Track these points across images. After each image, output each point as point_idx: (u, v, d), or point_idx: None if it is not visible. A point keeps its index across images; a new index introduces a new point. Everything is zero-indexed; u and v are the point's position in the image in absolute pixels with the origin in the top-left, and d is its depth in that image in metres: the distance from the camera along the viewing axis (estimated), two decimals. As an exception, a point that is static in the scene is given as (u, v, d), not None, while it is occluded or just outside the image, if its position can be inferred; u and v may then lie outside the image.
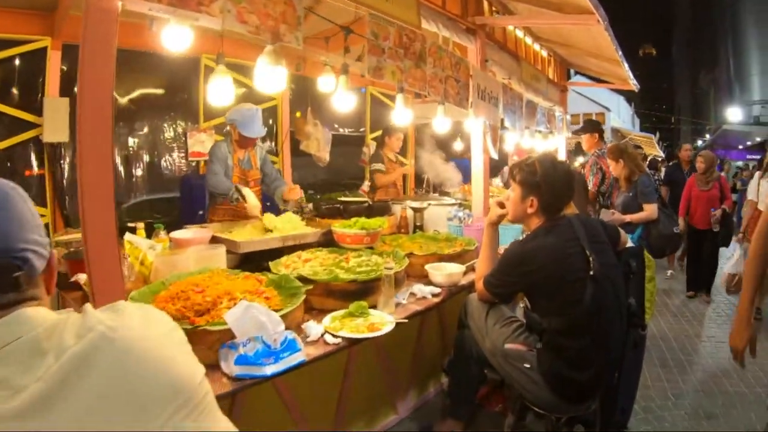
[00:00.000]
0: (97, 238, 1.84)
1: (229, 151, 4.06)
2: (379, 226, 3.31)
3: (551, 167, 2.47)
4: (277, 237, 3.22)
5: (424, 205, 4.18)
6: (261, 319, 1.91)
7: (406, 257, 3.04)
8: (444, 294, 2.90)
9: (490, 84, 4.34)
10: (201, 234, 3.18)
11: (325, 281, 2.56)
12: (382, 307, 2.53)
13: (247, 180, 4.14)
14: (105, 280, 1.89)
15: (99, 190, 1.84)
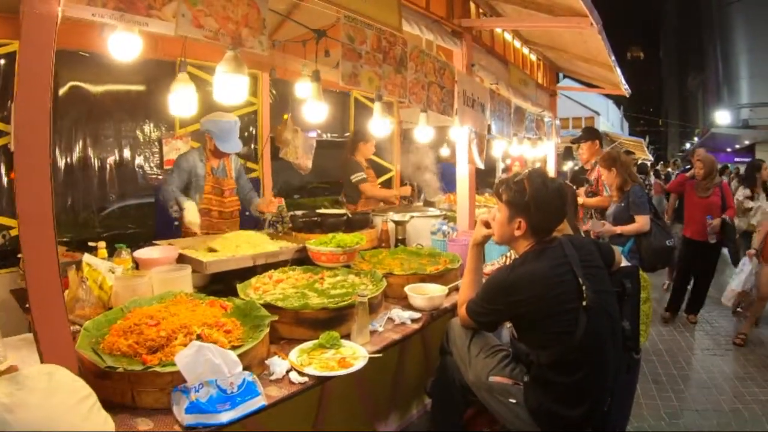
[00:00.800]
0: (37, 270, 1.67)
1: (201, 159, 3.89)
2: (357, 243, 3.12)
3: (542, 186, 2.24)
4: (247, 256, 3.03)
5: (406, 217, 3.99)
6: (215, 361, 1.72)
7: (384, 278, 2.85)
8: (425, 319, 2.72)
9: (477, 90, 4.14)
10: (167, 253, 2.99)
11: (294, 309, 2.36)
12: (356, 336, 2.34)
13: (222, 189, 3.97)
14: (46, 313, 1.70)
15: (37, 215, 1.69)
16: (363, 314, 2.34)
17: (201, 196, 3.85)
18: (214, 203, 3.94)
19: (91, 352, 1.91)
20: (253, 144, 5.71)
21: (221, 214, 3.96)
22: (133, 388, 1.79)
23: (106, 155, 4.77)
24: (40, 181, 1.66)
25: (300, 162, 4.98)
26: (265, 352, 2.10)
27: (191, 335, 1.98)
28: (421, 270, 3.10)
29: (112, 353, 1.93)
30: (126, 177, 4.92)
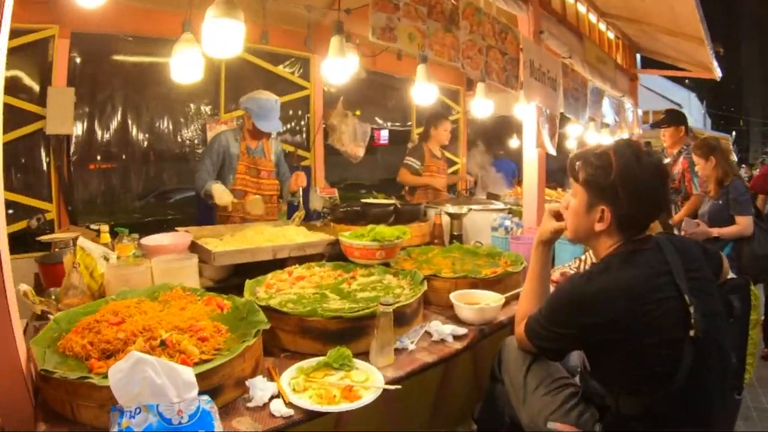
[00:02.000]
0: None
1: (236, 139, 3.65)
2: (397, 237, 2.62)
3: (634, 161, 1.60)
4: (265, 247, 2.62)
5: (464, 210, 3.41)
6: (155, 380, 1.29)
7: (425, 282, 2.32)
8: (472, 336, 2.14)
9: (547, 61, 3.50)
10: (178, 240, 2.68)
11: (299, 315, 1.91)
12: (375, 355, 1.84)
13: (258, 169, 3.70)
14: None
15: None
16: (385, 328, 1.83)
17: (234, 177, 3.62)
18: (250, 184, 3.66)
19: (41, 349, 1.61)
20: (304, 131, 5.41)
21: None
22: (71, 399, 1.46)
23: (148, 140, 4.66)
24: None
25: (348, 149, 4.57)
26: (248, 368, 1.65)
27: (153, 340, 1.58)
28: (475, 273, 2.55)
29: (65, 353, 1.62)
30: (168, 162, 4.80)
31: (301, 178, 3.56)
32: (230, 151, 3.60)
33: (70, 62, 4.02)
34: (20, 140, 3.91)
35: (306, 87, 5.21)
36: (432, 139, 4.91)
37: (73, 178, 4.21)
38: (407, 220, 3.34)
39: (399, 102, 6.33)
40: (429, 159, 4.88)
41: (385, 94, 6.17)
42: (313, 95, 5.25)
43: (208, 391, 1.46)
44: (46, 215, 3.92)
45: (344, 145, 4.62)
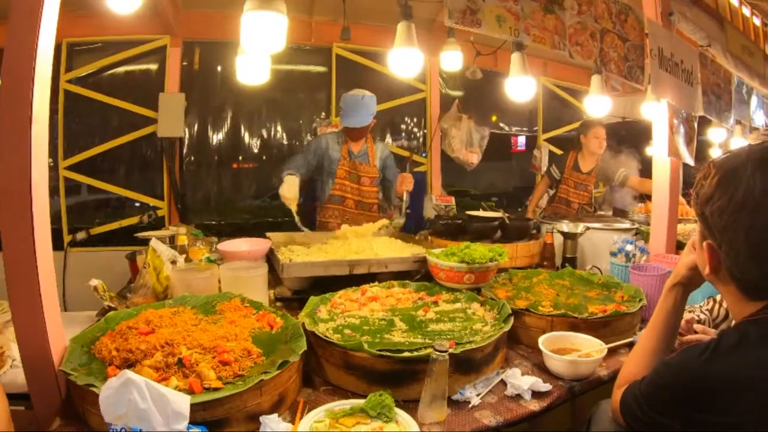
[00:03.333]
0: (13, 252, 1.45)
1: (338, 142, 3.54)
2: (491, 259, 2.29)
3: (761, 182, 1.10)
4: (341, 261, 2.46)
5: (579, 229, 2.95)
6: (139, 405, 1.17)
7: (510, 318, 1.93)
8: (556, 395, 1.69)
9: (680, 50, 2.86)
10: (255, 247, 2.62)
11: (343, 347, 1.69)
12: (424, 408, 1.54)
13: (359, 175, 3.54)
14: (19, 297, 1.49)
15: (16, 193, 1.43)
16: (438, 378, 1.52)
17: (333, 182, 3.51)
18: (349, 190, 3.54)
19: (76, 347, 1.61)
20: (420, 136, 5.24)
21: (358, 204, 3.54)
22: (82, 402, 1.42)
23: (258, 143, 4.77)
24: (20, 158, 1.41)
25: (460, 155, 4.28)
26: (266, 403, 1.48)
27: (172, 357, 1.48)
28: (578, 310, 2.07)
29: (95, 354, 1.59)
30: (278, 165, 4.77)
31: (406, 181, 3.31)
32: (330, 154, 3.50)
33: (182, 69, 4.30)
34: (135, 142, 4.27)
35: (422, 89, 5.05)
36: (583, 148, 4.44)
37: (183, 178, 4.45)
38: (515, 237, 2.97)
39: (523, 105, 5.86)
40: (568, 170, 4.43)
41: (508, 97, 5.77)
42: (430, 98, 5.07)
43: (210, 422, 1.32)
44: (158, 212, 4.16)
45: (455, 151, 4.35)
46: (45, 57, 1.46)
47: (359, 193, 3.57)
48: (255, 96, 4.64)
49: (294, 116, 4.87)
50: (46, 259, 1.50)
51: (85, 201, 4.38)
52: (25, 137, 1.40)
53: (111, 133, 4.28)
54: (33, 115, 1.41)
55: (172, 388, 1.35)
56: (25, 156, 1.40)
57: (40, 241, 1.45)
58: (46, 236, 1.51)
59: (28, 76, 1.41)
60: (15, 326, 1.49)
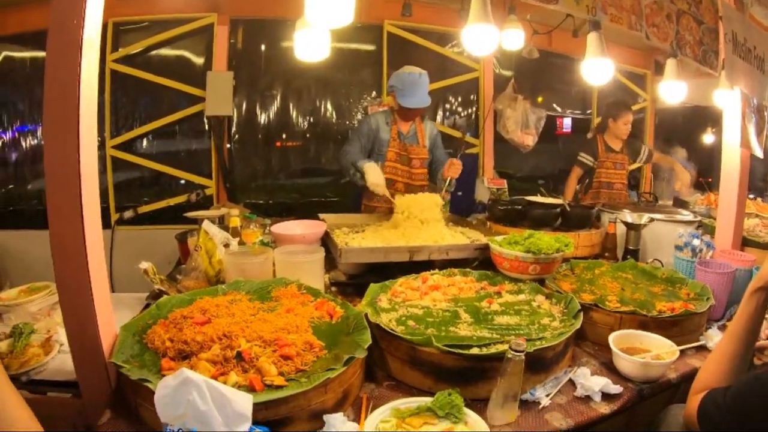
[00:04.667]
0: (60, 233, 1.34)
1: (387, 122, 3.35)
2: (558, 250, 2.14)
3: None
4: (402, 248, 2.32)
5: (643, 220, 2.74)
6: (199, 407, 1.06)
7: (580, 314, 1.79)
8: (626, 398, 1.58)
9: (753, 35, 2.66)
10: (310, 229, 2.50)
11: (409, 342, 1.56)
12: (494, 408, 1.43)
13: (410, 157, 3.37)
14: (67, 280, 1.37)
15: (63, 173, 1.32)
16: (512, 378, 1.40)
17: (383, 165, 3.33)
18: (400, 173, 3.37)
19: (127, 335, 1.52)
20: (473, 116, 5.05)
21: (408, 187, 3.35)
22: (135, 396, 1.33)
23: (308, 122, 4.67)
24: (68, 136, 1.30)
25: (514, 137, 4.08)
26: (330, 400, 1.36)
27: (230, 350, 1.38)
28: (647, 307, 1.94)
29: (148, 344, 1.50)
30: (327, 144, 4.76)
31: (454, 168, 3.13)
32: (380, 136, 3.33)
33: (229, 47, 4.22)
34: (183, 121, 4.22)
35: (475, 68, 4.85)
36: (609, 131, 4.24)
37: (231, 156, 4.39)
38: (576, 226, 2.84)
39: (578, 87, 5.62)
40: (603, 153, 4.21)
41: (563, 78, 5.51)
42: (483, 77, 4.86)
43: (272, 422, 1.22)
44: (206, 191, 4.11)
45: (509, 132, 4.17)
46: (92, 37, 1.35)
47: (409, 175, 3.41)
48: (304, 74, 4.53)
49: (343, 95, 4.74)
50: (96, 240, 1.40)
51: (132, 180, 4.36)
52: (73, 117, 1.29)
53: (158, 111, 4.25)
54: (80, 95, 1.29)
55: (231, 384, 1.25)
56: (73, 135, 1.29)
57: (89, 221, 1.35)
58: (96, 217, 1.41)
59: (74, 57, 1.29)
60: (63, 312, 1.39)
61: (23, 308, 2.03)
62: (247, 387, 1.26)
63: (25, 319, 1.94)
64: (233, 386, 1.25)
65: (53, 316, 2.01)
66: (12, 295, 2.16)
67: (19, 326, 1.87)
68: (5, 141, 4.11)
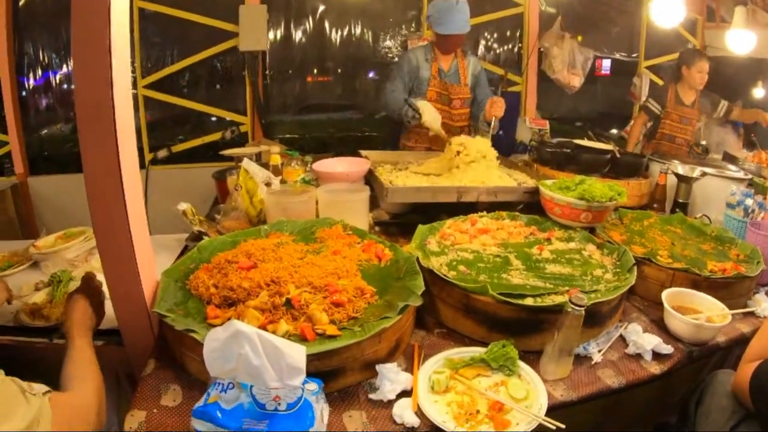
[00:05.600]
0: (94, 174, 1.25)
1: (427, 58, 3.10)
2: (611, 198, 2.00)
3: None
4: (450, 188, 2.21)
5: (696, 173, 2.60)
6: (252, 361, 0.99)
7: (634, 268, 1.68)
8: (677, 359, 1.51)
9: None
10: (353, 167, 2.41)
11: (464, 289, 1.48)
12: (547, 362, 1.37)
13: (450, 97, 3.15)
14: (104, 225, 1.29)
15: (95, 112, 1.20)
16: (570, 332, 1.33)
17: None
18: (440, 113, 3.09)
19: (169, 282, 1.46)
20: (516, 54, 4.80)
21: (447, 128, 3.13)
22: (179, 346, 1.28)
23: (345, 56, 4.51)
24: (99, 73, 1.17)
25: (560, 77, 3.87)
26: (383, 350, 1.30)
27: (279, 297, 1.31)
28: (698, 265, 1.83)
29: (191, 291, 1.44)
30: (365, 79, 4.63)
31: (497, 106, 2.89)
32: (420, 74, 3.11)
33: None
34: (216, 57, 4.09)
35: (520, 3, 4.57)
36: (683, 80, 3.91)
37: (267, 92, 4.27)
38: (625, 174, 2.69)
39: (625, 28, 5.27)
40: (672, 104, 3.92)
41: (610, 18, 5.17)
42: (528, 13, 4.57)
43: (323, 373, 1.18)
44: (240, 128, 4.02)
45: (555, 72, 3.95)
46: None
47: (449, 116, 3.20)
48: (340, 6, 4.33)
49: (381, 28, 4.51)
50: (133, 181, 1.31)
51: (165, 119, 4.30)
52: (104, 55, 1.16)
53: (190, 48, 4.11)
54: (111, 31, 1.16)
55: (281, 333, 1.20)
56: (105, 73, 1.17)
57: (126, 161, 1.25)
58: (132, 157, 1.31)
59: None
60: (102, 259, 1.32)
61: (60, 255, 2.02)
62: (298, 336, 1.20)
63: (62, 267, 1.93)
64: (284, 336, 1.19)
65: (91, 262, 1.99)
66: (48, 242, 2.14)
67: (57, 274, 1.85)
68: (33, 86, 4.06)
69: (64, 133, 4.21)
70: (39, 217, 3.95)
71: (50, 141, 4.21)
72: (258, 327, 1.20)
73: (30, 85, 4.05)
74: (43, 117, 4.17)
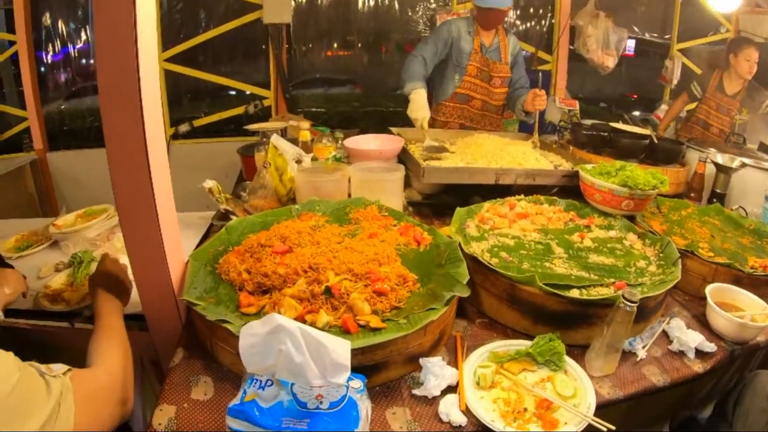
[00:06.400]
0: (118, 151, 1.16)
1: (469, 32, 2.95)
2: (654, 186, 1.89)
3: None
4: (488, 169, 2.11)
5: (735, 163, 2.47)
6: (294, 359, 0.91)
7: (678, 262, 1.56)
8: (719, 357, 1.42)
9: None
10: (387, 145, 2.32)
11: (509, 278, 1.38)
12: (594, 358, 1.28)
13: (491, 74, 3.01)
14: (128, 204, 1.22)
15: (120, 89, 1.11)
16: (620, 328, 1.23)
17: (461, 79, 3.00)
18: (479, 91, 3.03)
19: (198, 266, 1.37)
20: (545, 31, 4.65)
21: (485, 105, 3.05)
22: (210, 335, 1.20)
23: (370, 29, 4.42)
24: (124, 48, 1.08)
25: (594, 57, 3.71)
26: (427, 342, 1.22)
27: (318, 285, 1.22)
28: (740, 260, 1.73)
29: (222, 276, 1.36)
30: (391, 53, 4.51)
31: (539, 99, 2.75)
32: (461, 46, 2.96)
33: None
34: (240, 30, 3.96)
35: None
36: (730, 69, 3.71)
37: (291, 65, 4.18)
38: (663, 160, 2.60)
39: (658, 9, 5.08)
40: (712, 91, 3.76)
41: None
42: (559, -13, 4.38)
43: (365, 367, 1.10)
44: (264, 102, 3.94)
45: (590, 52, 3.78)
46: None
47: (488, 93, 3.07)
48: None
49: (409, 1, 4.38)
50: (159, 157, 1.22)
51: (186, 93, 4.23)
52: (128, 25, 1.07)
53: (212, 21, 4.02)
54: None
55: (322, 325, 1.13)
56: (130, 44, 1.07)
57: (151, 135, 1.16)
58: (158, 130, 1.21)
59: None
60: (126, 240, 1.25)
61: (81, 235, 1.95)
62: (339, 328, 1.12)
63: (83, 246, 1.86)
64: (324, 327, 1.12)
65: (113, 241, 1.91)
66: (69, 221, 2.07)
67: (77, 255, 1.78)
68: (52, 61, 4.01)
69: (84, 107, 4.14)
70: (59, 193, 3.90)
71: (70, 115, 4.17)
72: (296, 317, 1.12)
73: (48, 60, 3.99)
74: (62, 91, 4.12)
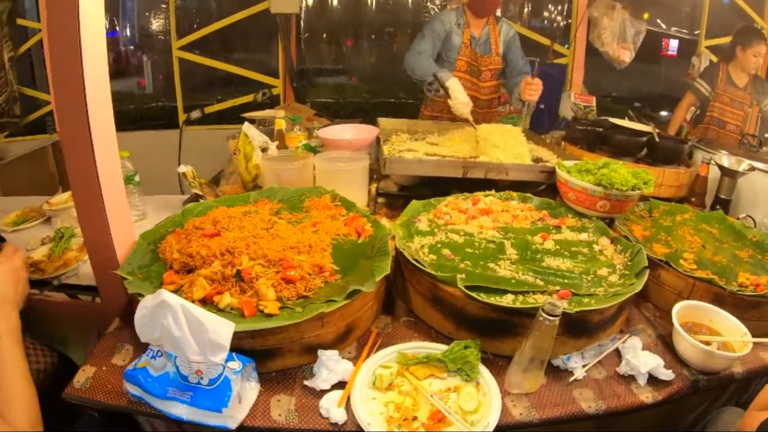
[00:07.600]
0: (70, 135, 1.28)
1: (459, 23, 2.89)
2: (634, 187, 1.79)
3: None
4: (454, 161, 2.11)
5: (742, 166, 2.28)
6: (173, 333, 1.00)
7: (644, 272, 1.45)
8: (676, 388, 1.27)
9: None
10: (360, 135, 2.36)
11: (431, 277, 1.38)
12: (515, 372, 1.21)
13: (480, 69, 2.95)
14: (80, 186, 1.33)
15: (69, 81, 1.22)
16: (541, 342, 1.15)
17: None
18: (467, 86, 2.88)
19: (143, 244, 1.48)
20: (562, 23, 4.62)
21: (475, 102, 2.92)
22: (132, 307, 1.30)
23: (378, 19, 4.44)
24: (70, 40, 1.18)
25: (609, 50, 3.63)
26: (330, 334, 1.26)
27: (230, 267, 1.29)
28: (727, 275, 1.58)
29: (160, 255, 1.45)
30: (398, 43, 4.53)
31: (530, 89, 2.58)
32: (451, 39, 2.90)
33: None
34: (251, 19, 4.05)
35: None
36: (736, 61, 3.59)
37: (299, 55, 4.24)
38: (663, 160, 2.45)
39: (685, 4, 4.90)
40: (722, 85, 3.61)
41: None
42: (575, -22, 4.27)
43: (258, 351, 1.17)
44: (272, 90, 4.03)
45: (604, 45, 3.71)
46: None
47: (477, 88, 3.02)
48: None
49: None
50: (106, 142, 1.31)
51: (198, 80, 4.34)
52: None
53: (223, 10, 4.13)
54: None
55: (223, 305, 1.20)
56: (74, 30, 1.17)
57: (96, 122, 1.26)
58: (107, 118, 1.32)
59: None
60: (79, 218, 1.37)
61: (68, 213, 2.09)
62: (238, 311, 1.19)
63: (69, 223, 1.99)
64: (225, 308, 1.19)
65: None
66: (62, 199, 2.23)
67: (60, 230, 1.92)
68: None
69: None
70: (63, 175, 4.13)
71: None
72: (203, 296, 1.20)
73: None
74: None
